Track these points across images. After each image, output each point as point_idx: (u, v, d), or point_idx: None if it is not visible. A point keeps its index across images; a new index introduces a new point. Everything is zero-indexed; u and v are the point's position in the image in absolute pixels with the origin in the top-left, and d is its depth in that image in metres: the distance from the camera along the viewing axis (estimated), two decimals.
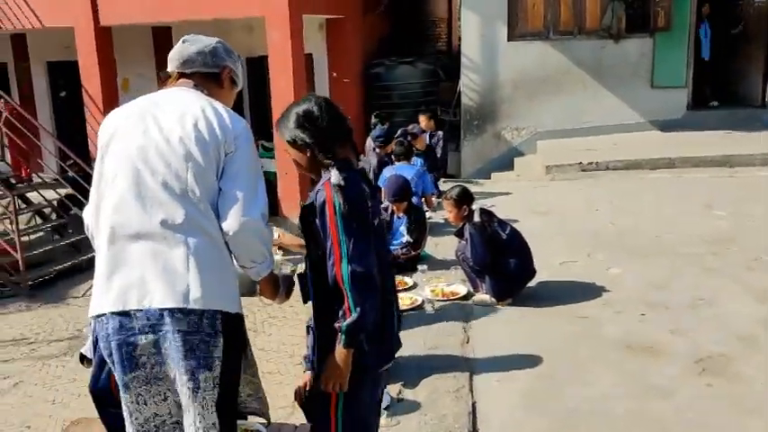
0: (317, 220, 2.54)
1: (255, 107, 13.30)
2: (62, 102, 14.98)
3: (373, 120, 9.99)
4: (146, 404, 2.54)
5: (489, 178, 10.93)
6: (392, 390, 3.99)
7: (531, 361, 4.32)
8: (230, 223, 2.52)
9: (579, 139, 11.18)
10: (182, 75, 2.80)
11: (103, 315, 2.48)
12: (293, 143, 2.65)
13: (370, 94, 13.03)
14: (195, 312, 2.46)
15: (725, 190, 8.48)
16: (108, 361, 2.55)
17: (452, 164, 12.12)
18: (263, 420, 3.52)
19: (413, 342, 4.63)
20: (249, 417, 3.63)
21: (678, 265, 5.94)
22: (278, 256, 3.13)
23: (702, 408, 3.71)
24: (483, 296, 5.42)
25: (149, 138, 2.56)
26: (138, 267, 2.47)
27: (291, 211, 10.36)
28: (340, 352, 2.53)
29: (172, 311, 2.43)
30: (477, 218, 5.29)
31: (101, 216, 2.56)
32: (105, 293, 2.50)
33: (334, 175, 2.52)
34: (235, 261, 2.65)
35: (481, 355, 4.47)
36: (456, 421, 3.63)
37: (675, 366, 4.17)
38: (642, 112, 11.32)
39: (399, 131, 8.83)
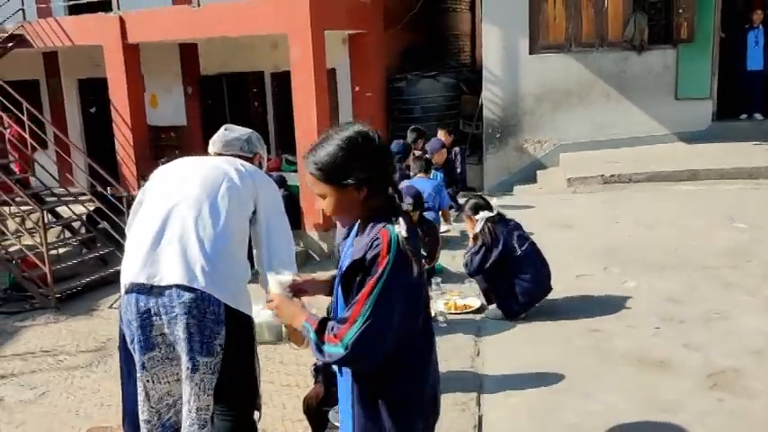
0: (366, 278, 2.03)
1: (279, 121, 13.45)
2: (92, 118, 15.29)
3: (409, 135, 10.06)
4: (160, 383, 2.80)
5: (512, 191, 10.91)
6: None
7: (540, 375, 4.33)
8: (270, 249, 2.98)
9: (602, 152, 11.11)
10: (219, 155, 3.27)
11: (125, 296, 2.82)
12: (335, 179, 2.10)
13: (393, 108, 13.12)
14: (202, 297, 2.71)
15: (748, 202, 8.39)
16: (129, 341, 2.83)
17: (475, 177, 12.13)
18: None
19: None
20: None
21: (695, 279, 5.90)
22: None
23: (711, 423, 3.68)
24: (494, 311, 5.45)
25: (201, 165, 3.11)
26: (165, 251, 2.81)
27: (314, 226, 10.44)
28: (300, 327, 2.16)
29: (180, 288, 2.72)
30: (479, 226, 5.28)
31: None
32: (130, 267, 2.85)
33: (401, 226, 2.05)
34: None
35: (491, 368, 4.49)
36: None
37: (686, 381, 4.15)
38: (666, 123, 11.22)
39: (395, 144, 8.90)
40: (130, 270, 2.84)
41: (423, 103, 12.80)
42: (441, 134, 10.04)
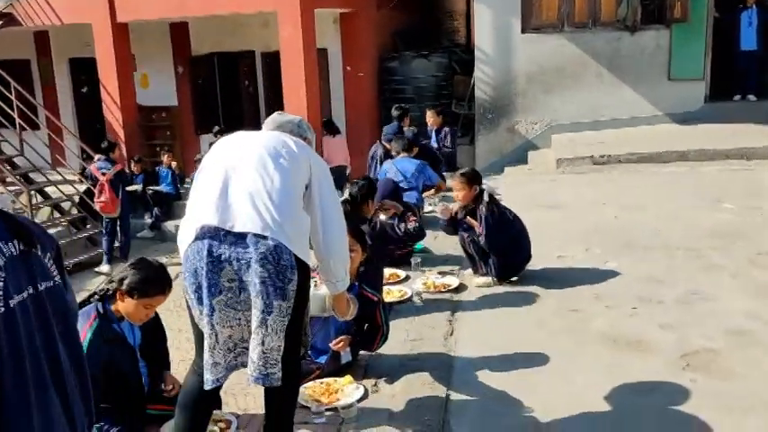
0: None
1: (270, 102, 13.33)
2: (84, 97, 15.18)
3: (394, 112, 9.96)
4: (224, 327, 2.91)
5: (502, 172, 10.81)
6: (368, 383, 3.98)
7: (514, 356, 4.27)
8: (326, 240, 3.11)
9: (594, 133, 11.02)
10: None
11: (195, 243, 2.89)
12: None
13: (385, 88, 13.01)
14: (276, 246, 2.83)
15: (738, 183, 8.30)
16: (191, 290, 2.91)
17: (466, 158, 12.03)
18: (237, 412, 3.63)
19: (396, 335, 4.59)
20: (223, 407, 3.70)
21: (678, 260, 5.83)
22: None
23: (682, 403, 3.62)
24: (483, 278, 5.46)
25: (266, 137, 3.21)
26: (235, 200, 2.92)
27: None
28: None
29: (255, 236, 2.83)
30: (486, 197, 5.30)
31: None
32: (200, 213, 2.94)
33: None
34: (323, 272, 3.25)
35: (463, 347, 4.43)
36: (427, 413, 3.60)
37: (659, 361, 4.09)
38: (659, 104, 11.11)
39: (389, 127, 8.80)
40: (201, 216, 2.93)
41: (415, 84, 12.70)
42: (429, 115, 9.96)
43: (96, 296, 3.37)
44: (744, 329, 4.45)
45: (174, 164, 12.46)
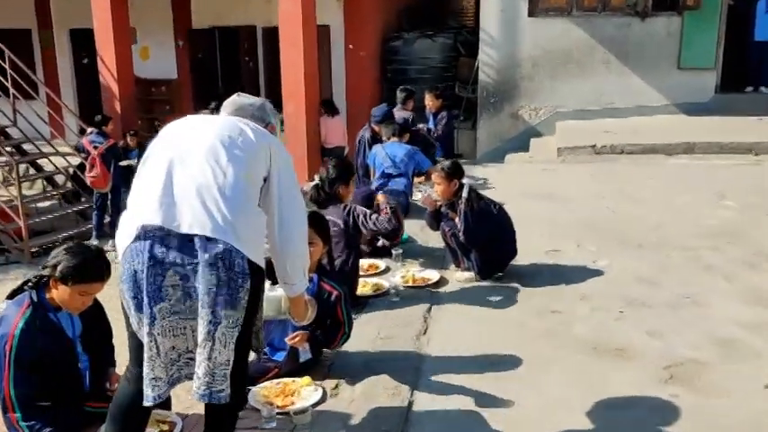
0: None
1: (270, 79, 13.05)
2: (84, 70, 14.94)
3: (399, 94, 9.65)
4: (166, 337, 2.63)
5: (503, 159, 10.51)
6: (329, 384, 3.76)
7: (486, 359, 4.03)
8: (282, 239, 2.85)
9: (599, 121, 10.69)
10: None
11: (135, 243, 2.62)
12: None
13: (387, 69, 12.70)
14: (228, 249, 2.57)
15: (743, 179, 7.99)
16: (129, 295, 2.63)
17: (468, 143, 11.76)
18: (182, 413, 3.43)
19: (367, 331, 4.39)
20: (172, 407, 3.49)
21: (672, 259, 5.57)
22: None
23: (660, 421, 3.38)
24: (465, 274, 5.24)
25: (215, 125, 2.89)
26: (182, 197, 2.64)
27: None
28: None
29: (203, 239, 2.57)
30: (465, 193, 5.07)
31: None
32: (141, 210, 2.67)
33: None
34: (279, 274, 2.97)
35: (435, 349, 4.19)
36: (385, 423, 3.37)
37: (641, 373, 3.84)
38: (667, 94, 10.75)
39: (377, 109, 8.46)
40: (143, 213, 2.65)
41: (418, 64, 12.39)
42: (428, 97, 9.65)
43: (30, 283, 3.14)
44: (733, 339, 4.20)
45: None
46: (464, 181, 5.20)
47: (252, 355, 3.25)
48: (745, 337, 4.21)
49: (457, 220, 5.11)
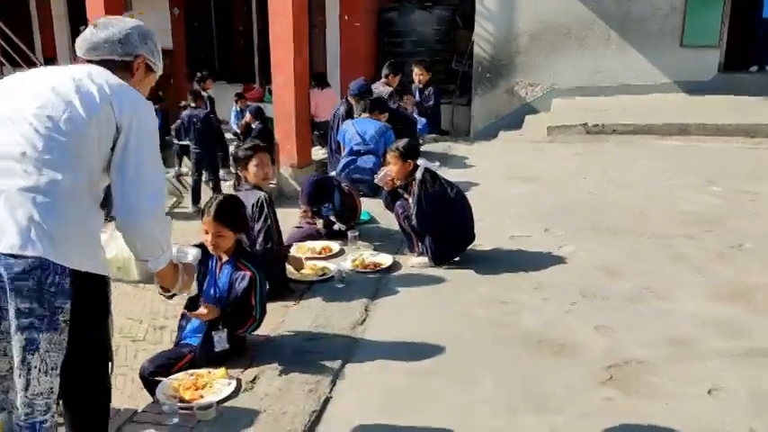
0: None
1: (264, 51, 12.72)
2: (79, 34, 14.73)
3: (385, 69, 9.35)
4: None
5: (497, 136, 10.20)
6: (249, 375, 3.55)
7: (420, 352, 3.80)
8: (124, 210, 2.39)
9: (596, 99, 10.35)
10: (90, 62, 2.57)
11: None
12: None
13: (382, 41, 12.37)
14: (40, 265, 2.19)
15: (737, 163, 7.66)
16: None
17: (462, 119, 11.46)
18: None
19: (303, 318, 4.20)
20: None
21: (643, 247, 5.29)
22: (176, 246, 2.85)
23: (586, 428, 3.14)
24: (419, 259, 5.02)
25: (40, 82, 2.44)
26: None
27: (287, 162, 9.83)
28: None
29: (7, 257, 2.19)
30: (419, 175, 4.82)
31: None
32: None
33: None
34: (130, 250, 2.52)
35: (370, 340, 3.97)
36: (293, 421, 3.16)
37: (580, 372, 3.59)
38: (668, 72, 10.37)
39: (354, 83, 8.15)
40: None
41: (414, 36, 12.06)
42: (416, 71, 9.33)
43: None
44: (688, 338, 3.92)
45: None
46: (419, 162, 4.93)
47: None
48: (701, 337, 3.94)
49: (410, 201, 4.87)
